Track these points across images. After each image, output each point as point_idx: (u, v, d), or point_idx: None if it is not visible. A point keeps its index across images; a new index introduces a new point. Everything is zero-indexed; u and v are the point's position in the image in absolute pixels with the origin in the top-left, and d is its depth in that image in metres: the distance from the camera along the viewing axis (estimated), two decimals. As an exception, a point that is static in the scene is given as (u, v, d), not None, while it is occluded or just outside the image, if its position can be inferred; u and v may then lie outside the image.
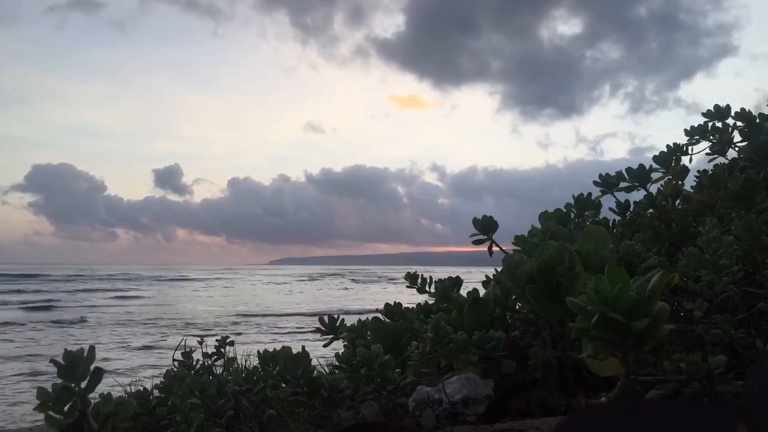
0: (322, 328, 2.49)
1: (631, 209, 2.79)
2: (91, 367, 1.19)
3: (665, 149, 2.86)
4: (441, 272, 3.64)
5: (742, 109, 2.88)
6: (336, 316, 2.53)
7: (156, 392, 1.85)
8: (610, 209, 2.81)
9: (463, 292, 2.45)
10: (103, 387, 1.34)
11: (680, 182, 2.78)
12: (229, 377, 2.04)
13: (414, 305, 2.64)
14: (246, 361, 4.29)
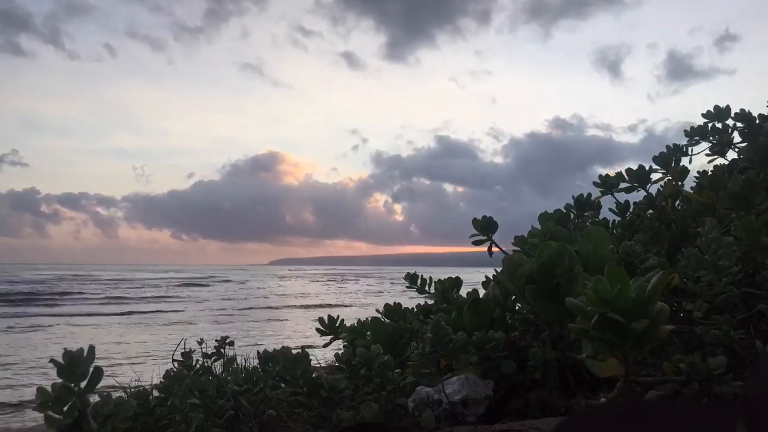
0: (322, 329, 2.49)
1: (631, 210, 2.80)
2: (91, 367, 1.19)
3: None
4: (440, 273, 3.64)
5: (742, 110, 2.89)
6: (335, 316, 2.53)
7: (156, 392, 1.85)
8: (610, 210, 2.81)
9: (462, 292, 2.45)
10: (102, 387, 1.34)
11: (680, 183, 2.78)
12: (229, 377, 2.04)
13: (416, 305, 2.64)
14: (246, 361, 4.29)
